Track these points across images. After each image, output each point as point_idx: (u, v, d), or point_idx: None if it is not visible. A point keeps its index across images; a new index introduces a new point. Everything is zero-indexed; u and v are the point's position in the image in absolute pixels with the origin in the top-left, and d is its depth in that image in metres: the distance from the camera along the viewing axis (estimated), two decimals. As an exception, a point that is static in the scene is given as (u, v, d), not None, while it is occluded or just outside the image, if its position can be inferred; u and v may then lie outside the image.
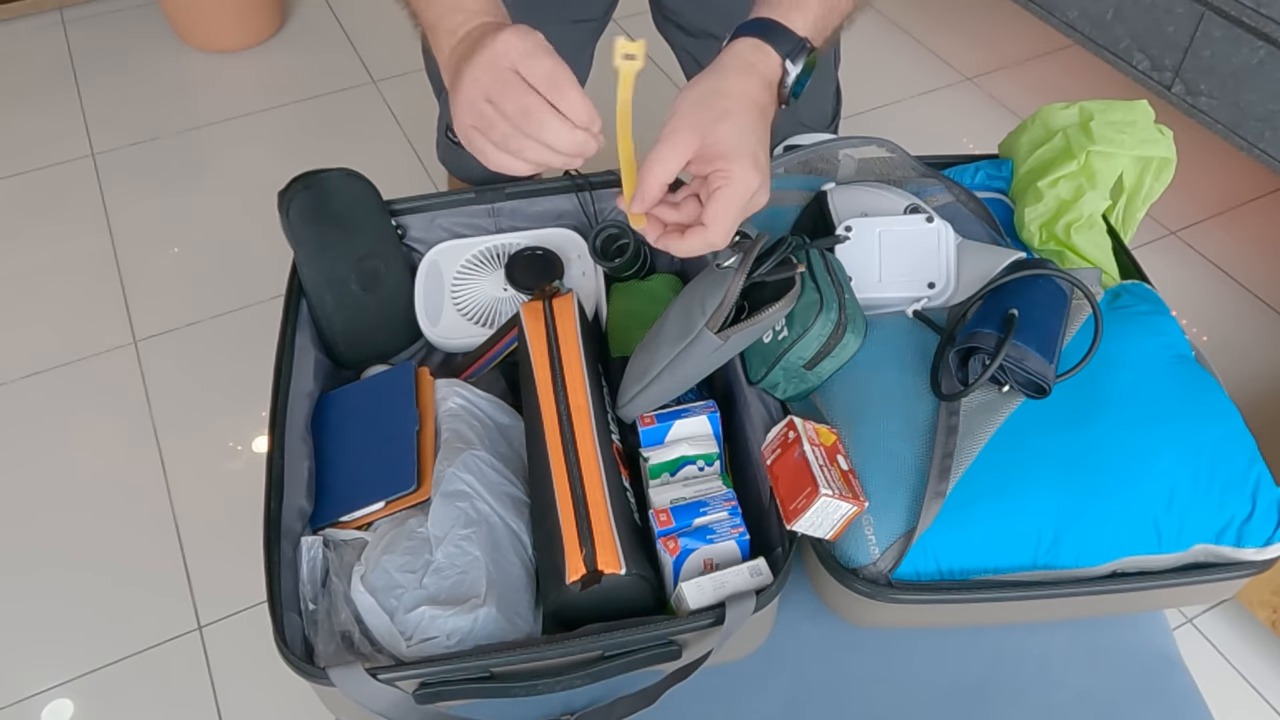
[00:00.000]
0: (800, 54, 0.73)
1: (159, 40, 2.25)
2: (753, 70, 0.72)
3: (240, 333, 1.66)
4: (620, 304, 0.99)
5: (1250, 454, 0.77)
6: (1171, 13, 1.61)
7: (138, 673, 1.27)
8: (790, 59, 0.73)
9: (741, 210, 0.69)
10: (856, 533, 0.74)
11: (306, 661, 0.70)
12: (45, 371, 1.60)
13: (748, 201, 0.70)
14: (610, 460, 0.79)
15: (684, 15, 1.15)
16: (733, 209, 0.69)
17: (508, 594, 0.76)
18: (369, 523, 0.83)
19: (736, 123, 0.69)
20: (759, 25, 0.74)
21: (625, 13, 1.20)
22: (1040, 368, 0.76)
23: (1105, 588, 0.75)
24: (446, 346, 0.99)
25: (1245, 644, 1.32)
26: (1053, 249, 0.93)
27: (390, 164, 1.95)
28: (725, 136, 0.68)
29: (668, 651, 0.72)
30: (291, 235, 0.94)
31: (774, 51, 0.73)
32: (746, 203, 0.69)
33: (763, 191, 0.70)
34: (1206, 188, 1.94)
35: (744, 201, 0.69)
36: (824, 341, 0.80)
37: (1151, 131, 0.93)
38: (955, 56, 2.25)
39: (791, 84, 0.74)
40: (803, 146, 1.01)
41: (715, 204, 0.68)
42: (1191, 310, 1.72)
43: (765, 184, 0.70)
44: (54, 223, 1.85)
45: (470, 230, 1.05)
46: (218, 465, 1.49)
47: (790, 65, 0.73)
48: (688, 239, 0.70)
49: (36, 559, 1.38)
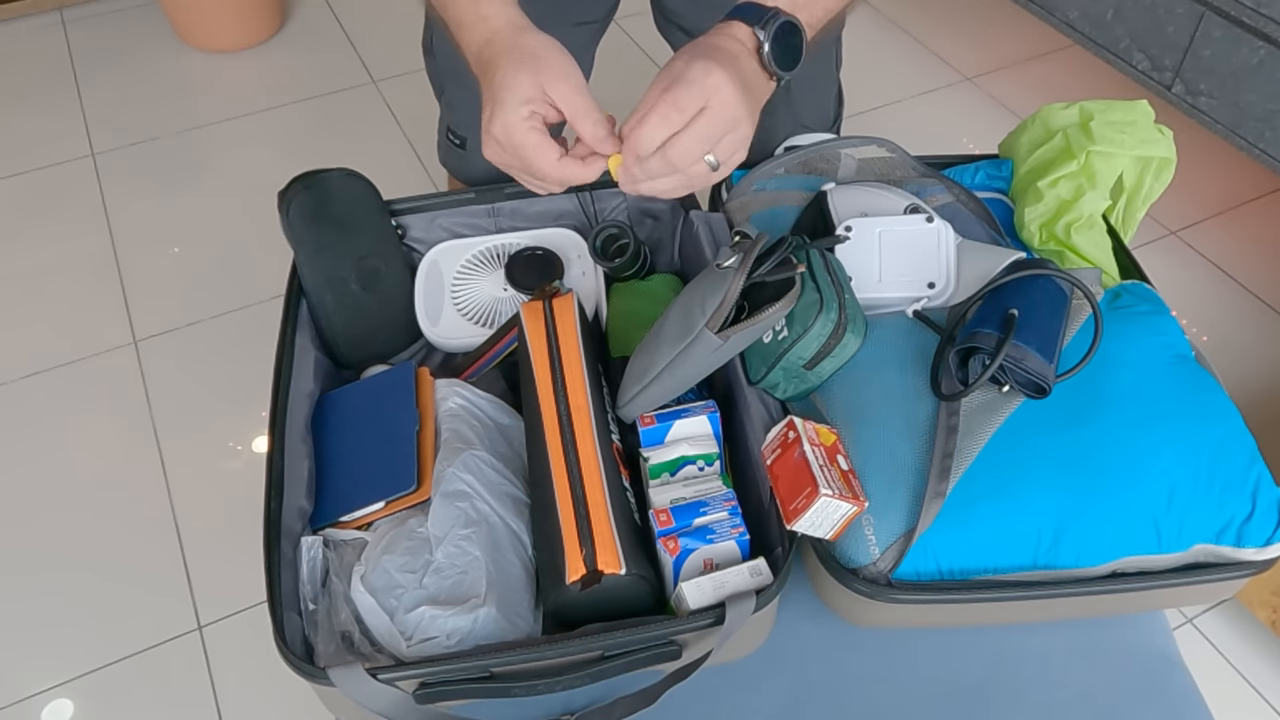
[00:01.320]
0: (770, 22, 0.73)
1: (159, 40, 2.25)
2: (722, 34, 0.73)
3: (240, 333, 1.66)
4: (620, 304, 0.99)
5: (1250, 454, 0.77)
6: (1171, 13, 1.61)
7: (138, 673, 1.27)
8: (760, 26, 0.73)
9: (703, 100, 0.66)
10: (856, 533, 0.74)
11: (306, 661, 0.70)
12: (45, 371, 1.60)
13: (712, 94, 0.66)
14: (610, 460, 0.79)
15: (685, 16, 1.15)
16: (693, 96, 0.66)
17: (508, 594, 0.76)
18: (369, 523, 0.83)
19: (705, 58, 0.68)
20: (732, 10, 0.75)
21: (626, 13, 1.20)
22: (1040, 368, 0.76)
23: (1105, 588, 0.75)
24: (446, 346, 0.99)
25: (1245, 644, 1.32)
26: (1053, 249, 0.93)
27: (390, 164, 1.95)
28: (696, 66, 0.67)
29: (668, 651, 0.72)
30: (291, 235, 0.94)
31: (742, 23, 0.73)
32: (711, 95, 0.66)
33: (728, 92, 0.67)
34: (1206, 188, 1.94)
35: (705, 93, 0.66)
36: (824, 341, 0.80)
37: (1151, 131, 0.93)
38: (955, 56, 2.25)
39: (770, 50, 0.73)
40: (803, 146, 1.01)
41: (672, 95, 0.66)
42: (1191, 310, 1.72)
43: (730, 85, 0.67)
44: (54, 223, 1.85)
45: (470, 230, 1.05)
46: (218, 465, 1.49)
47: (761, 32, 0.72)
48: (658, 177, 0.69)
49: (36, 559, 1.38)
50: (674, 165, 0.68)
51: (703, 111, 0.67)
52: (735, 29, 0.73)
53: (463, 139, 1.17)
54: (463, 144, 1.18)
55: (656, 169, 0.69)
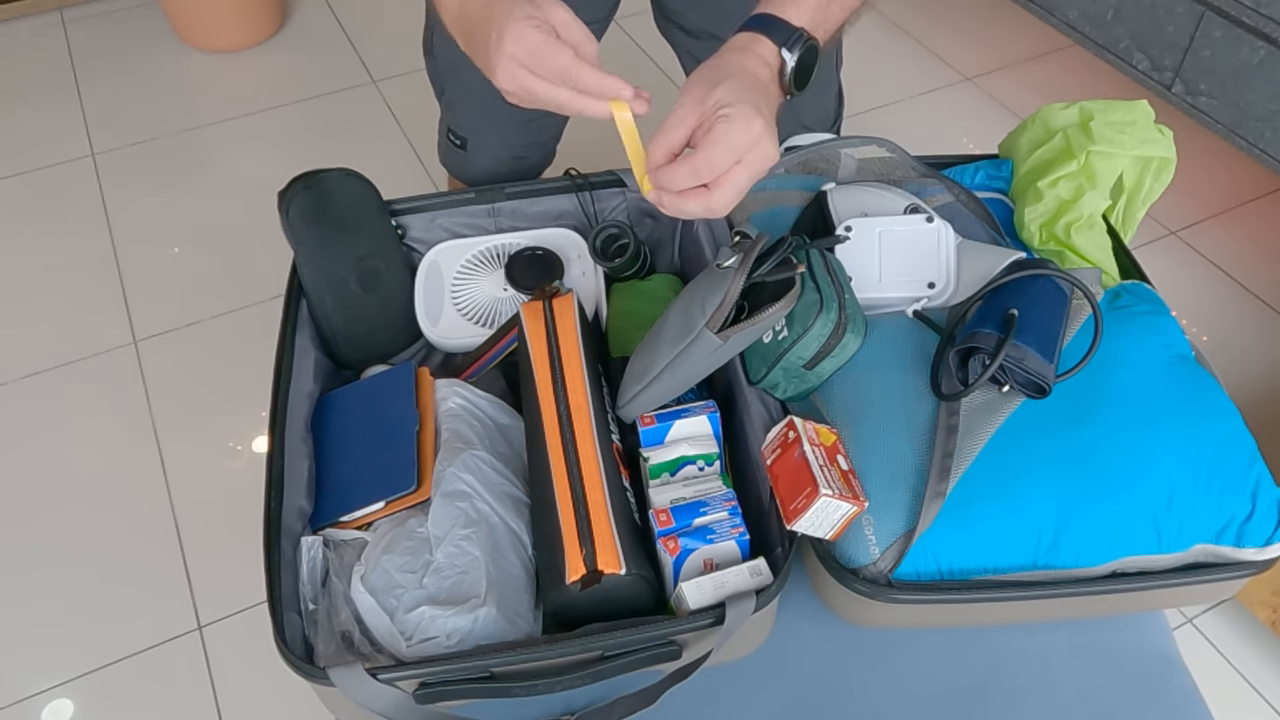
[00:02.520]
0: (796, 43, 0.73)
1: (159, 40, 2.25)
2: (749, 52, 0.73)
3: (240, 333, 1.66)
4: (620, 304, 0.99)
5: (1250, 454, 0.77)
6: (1171, 13, 1.61)
7: (138, 673, 1.27)
8: (786, 47, 0.73)
9: (740, 153, 0.67)
10: (856, 533, 0.74)
11: (306, 661, 0.70)
12: (45, 371, 1.60)
13: (750, 148, 0.67)
14: (610, 460, 0.79)
15: (685, 16, 1.15)
16: (731, 148, 0.66)
17: (508, 594, 0.76)
18: (369, 523, 0.83)
19: (736, 82, 0.69)
20: (755, 20, 0.75)
21: (626, 13, 1.20)
22: (1040, 368, 0.76)
23: (1105, 588, 0.75)
24: (446, 346, 0.99)
25: (1245, 644, 1.32)
26: (1053, 249, 0.93)
27: (390, 164, 1.95)
28: (725, 93, 0.68)
29: (668, 651, 0.72)
30: (291, 235, 0.94)
31: (769, 40, 0.74)
32: (749, 149, 0.67)
33: (768, 144, 0.67)
34: (1206, 188, 1.94)
35: (745, 144, 0.67)
36: (824, 341, 0.80)
37: (1151, 131, 0.93)
38: (955, 56, 2.25)
39: (791, 72, 0.74)
40: (803, 146, 1.01)
41: (712, 142, 0.66)
42: (1191, 310, 1.72)
43: (770, 137, 0.68)
44: (54, 223, 1.85)
45: (470, 230, 1.05)
46: (218, 465, 1.49)
47: (787, 54, 0.73)
48: (689, 196, 0.68)
49: (37, 559, 1.38)
50: (713, 211, 0.69)
51: (740, 164, 0.67)
52: (763, 48, 0.73)
53: (463, 139, 1.17)
54: (463, 144, 1.18)
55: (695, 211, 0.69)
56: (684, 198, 0.68)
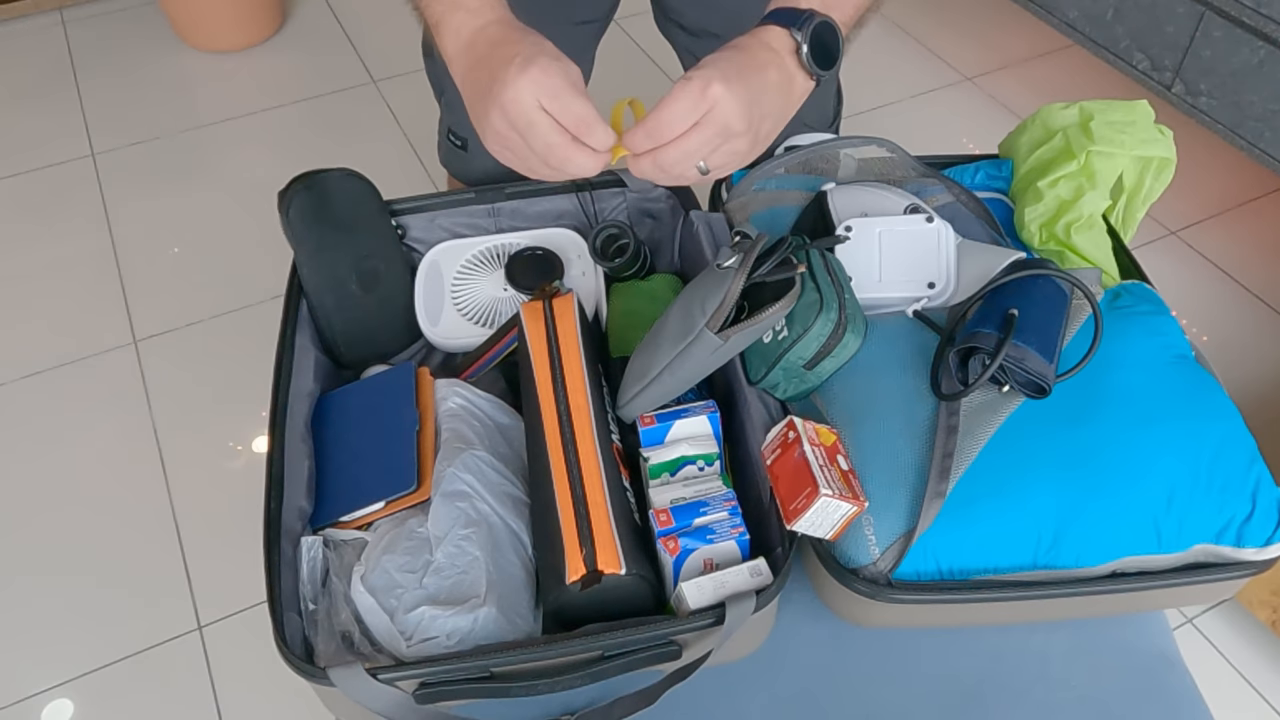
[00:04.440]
0: (806, 23, 0.74)
1: (159, 40, 2.25)
2: (751, 38, 0.74)
3: (240, 333, 1.66)
4: (620, 304, 0.99)
5: (1250, 454, 0.77)
6: (1171, 13, 1.61)
7: (138, 673, 1.27)
8: (796, 28, 0.74)
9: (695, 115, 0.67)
10: (856, 533, 0.74)
11: (306, 661, 0.70)
12: (45, 371, 1.60)
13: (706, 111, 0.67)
14: (610, 460, 0.79)
15: (685, 15, 1.15)
16: (684, 110, 0.66)
17: (508, 594, 0.76)
18: (369, 523, 0.83)
19: (716, 56, 0.70)
20: (764, 16, 0.76)
21: (626, 13, 1.20)
22: (1040, 368, 0.76)
23: (1105, 588, 0.75)
24: (446, 346, 0.99)
25: (1245, 644, 1.32)
26: (1053, 249, 0.93)
27: (390, 164, 1.95)
28: (701, 66, 0.69)
29: (668, 651, 0.72)
30: (291, 235, 0.94)
31: (775, 26, 0.74)
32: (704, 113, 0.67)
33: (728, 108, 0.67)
34: (1206, 188, 1.94)
35: (700, 107, 0.66)
36: (824, 341, 0.80)
37: (1151, 131, 0.93)
38: (955, 56, 2.25)
39: (808, 51, 0.74)
40: (803, 146, 1.01)
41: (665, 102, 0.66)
42: (1191, 310, 1.72)
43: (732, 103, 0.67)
44: (54, 222, 1.85)
45: (470, 230, 1.05)
46: (218, 465, 1.48)
47: (798, 34, 0.74)
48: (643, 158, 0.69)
49: (36, 559, 1.38)
50: (664, 170, 0.70)
51: (695, 126, 0.67)
52: (768, 34, 0.74)
53: (463, 140, 1.17)
54: (463, 144, 1.18)
55: (648, 170, 0.70)
56: (638, 159, 0.69)
